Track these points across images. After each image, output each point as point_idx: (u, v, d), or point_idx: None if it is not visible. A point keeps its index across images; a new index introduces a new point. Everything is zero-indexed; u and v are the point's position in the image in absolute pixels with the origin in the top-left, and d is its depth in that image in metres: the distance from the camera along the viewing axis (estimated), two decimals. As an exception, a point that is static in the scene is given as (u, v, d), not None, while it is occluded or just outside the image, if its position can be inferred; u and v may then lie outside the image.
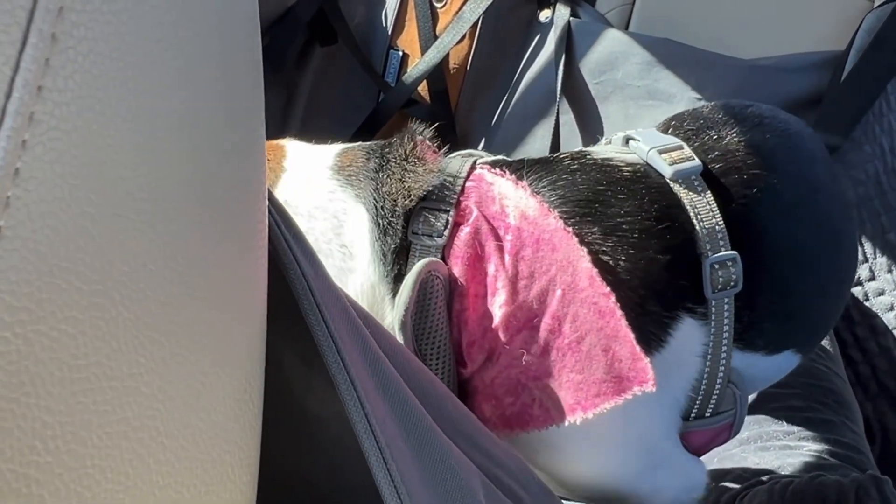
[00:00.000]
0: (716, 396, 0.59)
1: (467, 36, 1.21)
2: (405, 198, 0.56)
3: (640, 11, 1.21)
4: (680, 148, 0.60)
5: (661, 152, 0.59)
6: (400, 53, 1.26)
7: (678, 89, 1.11)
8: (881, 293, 1.00)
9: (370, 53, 1.28)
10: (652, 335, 0.55)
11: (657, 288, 0.56)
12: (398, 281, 0.55)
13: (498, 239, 0.55)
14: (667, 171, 0.58)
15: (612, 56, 1.15)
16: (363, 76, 1.27)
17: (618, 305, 0.53)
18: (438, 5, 1.23)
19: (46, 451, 0.19)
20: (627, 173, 0.58)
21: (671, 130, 0.64)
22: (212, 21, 0.24)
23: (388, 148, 0.59)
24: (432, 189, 0.56)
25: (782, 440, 0.77)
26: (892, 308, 1.00)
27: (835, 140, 1.02)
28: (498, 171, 0.58)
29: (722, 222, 0.57)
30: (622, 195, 0.57)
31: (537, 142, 1.18)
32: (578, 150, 0.62)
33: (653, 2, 1.20)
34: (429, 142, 0.59)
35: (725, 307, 0.57)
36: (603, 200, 0.56)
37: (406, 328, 0.53)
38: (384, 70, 1.27)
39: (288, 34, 1.23)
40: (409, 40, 1.26)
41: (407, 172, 0.57)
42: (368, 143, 0.62)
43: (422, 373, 0.39)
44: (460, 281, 0.54)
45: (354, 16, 1.28)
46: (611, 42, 1.15)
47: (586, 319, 0.53)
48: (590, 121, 1.16)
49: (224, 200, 0.25)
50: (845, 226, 0.64)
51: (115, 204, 0.20)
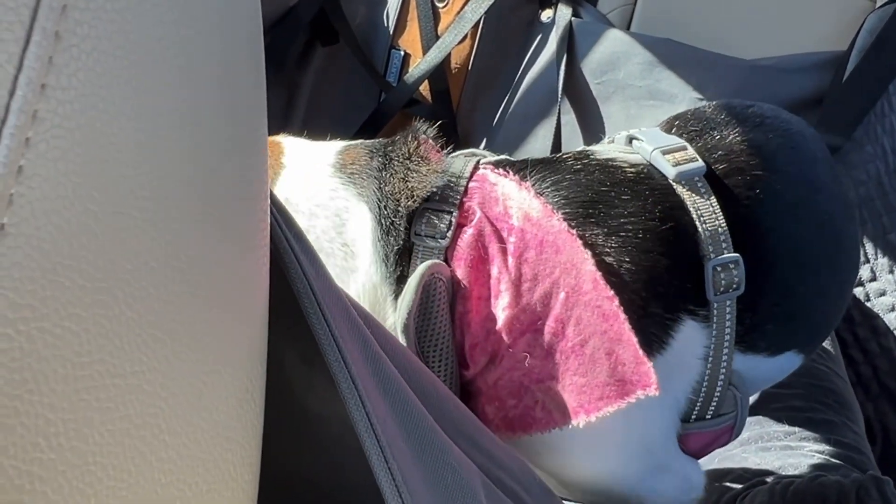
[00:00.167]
0: (716, 399, 0.58)
1: (469, 36, 1.21)
2: (408, 198, 0.56)
3: (642, 11, 1.21)
4: (684, 148, 0.59)
5: (665, 153, 0.58)
6: (401, 53, 1.26)
7: (680, 89, 1.11)
8: (882, 294, 1.00)
9: (372, 53, 1.28)
10: (654, 337, 0.55)
11: (659, 290, 0.55)
12: (401, 282, 0.55)
13: (501, 241, 0.54)
14: (670, 173, 0.57)
15: (614, 56, 1.15)
16: (364, 76, 1.27)
17: (621, 309, 0.52)
18: (440, 5, 1.23)
19: (49, 448, 0.19)
20: (631, 174, 0.58)
21: (675, 130, 0.63)
22: (214, 20, 0.24)
23: (392, 146, 0.59)
24: (436, 190, 0.56)
25: (783, 440, 0.77)
26: (894, 309, 1.00)
27: (836, 140, 1.02)
28: (501, 172, 0.58)
29: (725, 224, 0.56)
30: (626, 196, 0.56)
31: (538, 142, 1.18)
32: (581, 150, 0.62)
33: (654, 2, 1.20)
34: (432, 141, 0.59)
35: (727, 309, 0.56)
36: (606, 201, 0.56)
37: (409, 331, 0.53)
38: (386, 70, 1.27)
39: (289, 34, 1.23)
40: (411, 40, 1.26)
41: (410, 172, 0.57)
42: (371, 141, 0.61)
43: (423, 373, 0.39)
44: (463, 283, 0.54)
45: (356, 15, 1.28)
46: (612, 42, 1.15)
47: (590, 323, 0.53)
48: (591, 121, 1.16)
49: (226, 199, 0.25)
50: (847, 226, 0.64)
51: (118, 202, 0.20)
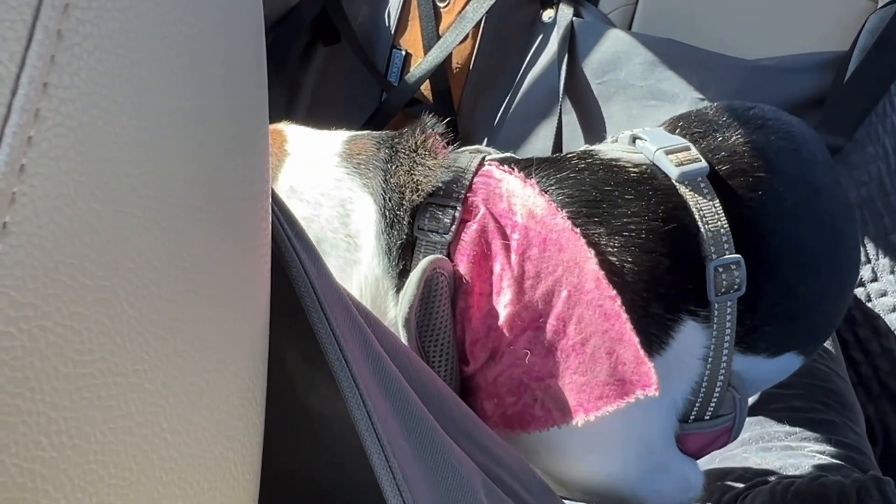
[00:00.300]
0: (715, 400, 0.58)
1: (470, 35, 1.21)
2: (413, 191, 0.56)
3: (643, 11, 1.21)
4: (687, 149, 0.59)
5: (668, 153, 0.58)
6: (403, 53, 1.26)
7: (681, 89, 1.11)
8: (884, 294, 1.00)
9: (373, 53, 1.28)
10: (654, 337, 0.55)
11: (661, 290, 0.55)
12: (403, 276, 0.55)
13: (505, 237, 0.54)
14: (673, 173, 0.57)
15: (615, 56, 1.14)
16: (366, 75, 1.27)
17: (623, 308, 0.52)
18: (441, 5, 1.23)
19: (51, 447, 0.19)
20: (634, 174, 0.58)
21: (678, 131, 0.63)
22: (216, 19, 0.24)
23: (399, 138, 0.59)
24: (441, 185, 0.56)
25: (784, 441, 0.77)
26: (895, 309, 0.99)
27: (838, 141, 1.02)
28: (506, 168, 0.58)
29: (727, 225, 0.56)
30: (629, 196, 0.57)
31: (540, 142, 1.18)
32: (585, 150, 0.62)
33: (655, 2, 1.20)
34: (439, 136, 0.59)
35: (728, 310, 0.56)
36: (610, 201, 0.56)
37: (410, 325, 0.53)
38: (387, 69, 1.27)
39: (291, 33, 1.23)
40: (412, 40, 1.26)
41: (416, 165, 0.57)
42: (379, 133, 0.61)
43: (423, 372, 0.39)
44: (465, 278, 0.54)
45: (357, 15, 1.28)
46: (614, 42, 1.15)
47: (591, 322, 0.53)
48: (592, 121, 1.16)
49: (228, 198, 0.25)
50: (847, 228, 0.64)
51: (120, 200, 0.20)
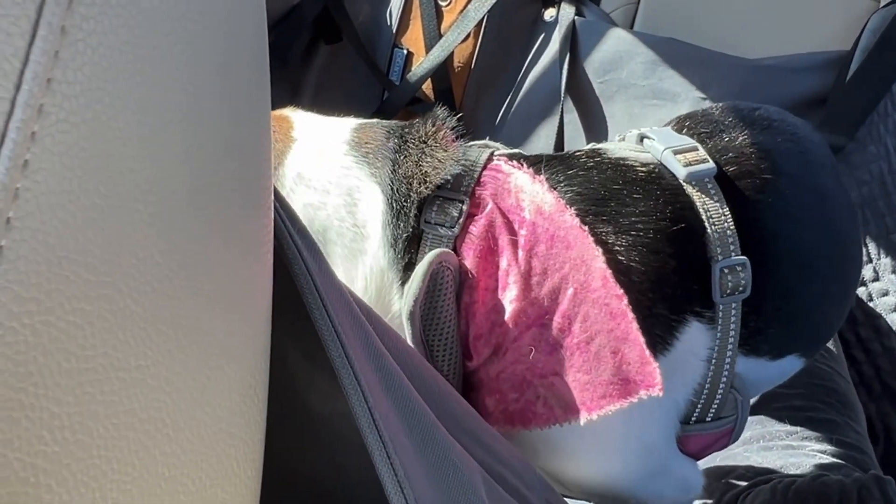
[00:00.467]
0: (717, 401, 0.58)
1: (472, 34, 1.21)
2: (421, 183, 0.56)
3: (645, 10, 1.21)
4: (695, 149, 0.59)
5: (676, 153, 0.58)
6: (404, 52, 1.26)
7: (683, 89, 1.11)
8: (885, 294, 1.00)
9: (375, 51, 1.28)
10: (658, 338, 0.55)
11: (666, 290, 0.55)
12: (408, 269, 0.55)
13: (512, 233, 0.54)
14: (680, 173, 0.57)
15: (617, 55, 1.14)
16: (367, 74, 1.27)
17: (630, 308, 0.52)
18: (443, 4, 1.23)
19: (54, 441, 0.19)
20: (642, 173, 0.58)
21: (685, 131, 0.63)
22: (219, 16, 0.24)
23: (409, 128, 0.59)
24: (449, 178, 0.56)
25: (785, 440, 0.77)
26: (896, 309, 0.99)
27: (839, 140, 1.02)
28: (515, 164, 0.58)
29: (733, 227, 0.56)
30: (637, 195, 0.56)
31: (541, 141, 1.18)
32: (593, 148, 0.62)
33: (657, 1, 1.20)
34: (450, 129, 0.59)
35: (733, 312, 0.56)
36: (618, 200, 0.56)
37: (414, 319, 0.53)
38: (388, 68, 1.27)
39: (293, 32, 1.23)
40: (414, 38, 1.26)
41: (425, 156, 0.56)
42: (388, 122, 0.61)
43: (424, 369, 0.39)
44: (471, 273, 0.54)
45: (359, 14, 1.28)
46: (615, 41, 1.15)
47: (597, 320, 0.52)
48: (594, 120, 1.16)
49: (230, 194, 0.25)
50: (850, 231, 0.64)
51: (123, 196, 0.20)
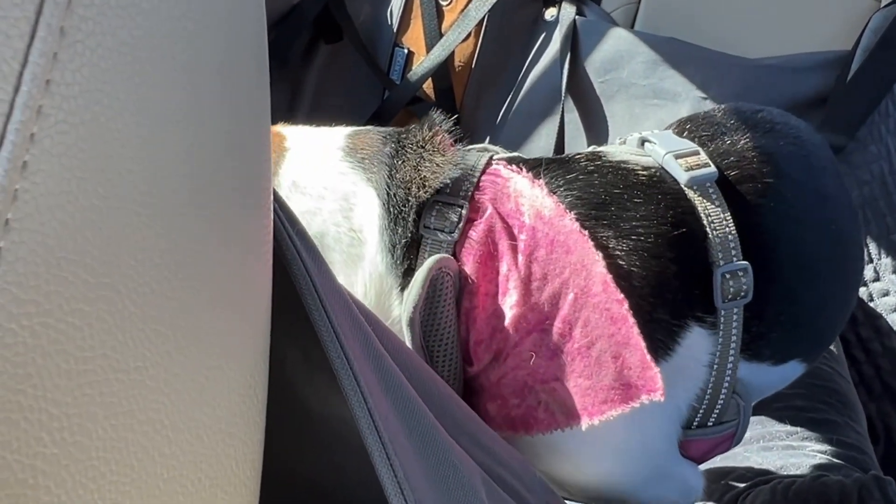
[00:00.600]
0: (719, 407, 0.58)
1: (472, 34, 1.21)
2: (419, 188, 0.55)
3: (646, 10, 1.20)
4: (696, 153, 0.59)
5: (678, 157, 0.58)
6: (405, 51, 1.26)
7: (683, 88, 1.11)
8: (886, 294, 1.00)
9: (375, 51, 1.28)
10: (659, 343, 0.55)
11: (667, 295, 0.55)
12: (408, 275, 0.54)
13: (512, 238, 0.54)
14: (682, 177, 0.57)
15: (618, 55, 1.14)
16: (368, 73, 1.27)
17: (630, 312, 0.52)
18: (444, 3, 1.23)
19: (53, 443, 0.19)
20: (644, 177, 0.58)
21: (686, 134, 0.63)
22: (219, 16, 0.24)
23: (406, 133, 0.58)
24: (448, 182, 0.55)
25: (785, 440, 0.77)
26: (897, 309, 0.99)
27: (840, 140, 1.02)
28: (514, 168, 0.57)
29: (735, 231, 0.56)
30: (638, 199, 0.56)
31: (542, 140, 1.18)
32: (594, 151, 0.61)
33: (658, 1, 1.20)
34: (447, 133, 0.58)
35: (734, 317, 0.56)
36: (619, 204, 0.56)
37: (414, 325, 0.53)
38: (389, 67, 1.27)
39: (293, 31, 1.23)
40: (415, 38, 1.26)
41: (423, 160, 0.56)
42: (385, 128, 0.61)
43: (424, 371, 0.39)
44: (471, 278, 0.53)
45: (360, 13, 1.28)
46: (616, 41, 1.15)
47: (598, 325, 0.52)
48: (595, 120, 1.16)
49: (229, 195, 0.25)
50: (852, 235, 0.64)
51: (122, 197, 0.20)
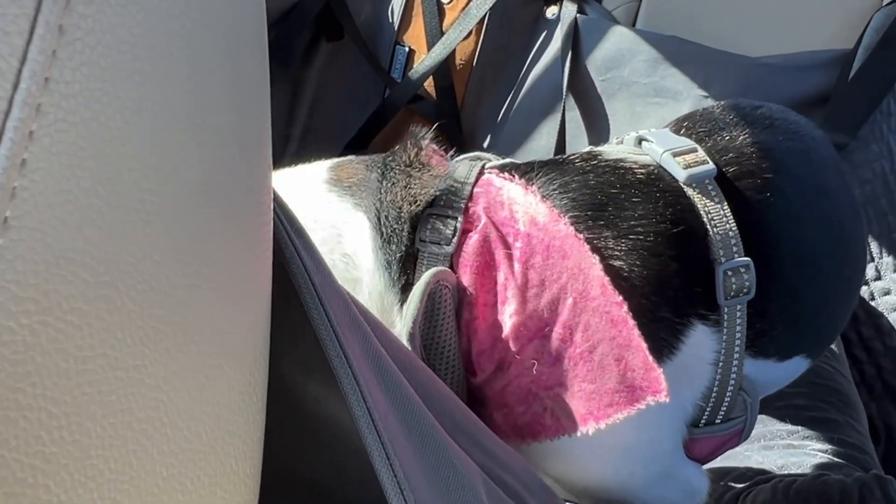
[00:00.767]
0: (726, 404, 0.58)
1: (474, 32, 1.21)
2: (411, 204, 0.55)
3: (647, 8, 1.20)
4: (694, 150, 0.58)
5: (675, 155, 0.58)
6: (406, 49, 1.26)
7: (685, 87, 1.11)
8: (887, 293, 1.00)
9: (376, 49, 1.28)
10: (663, 342, 0.55)
11: (669, 294, 0.55)
12: (406, 290, 0.54)
13: (507, 246, 0.54)
14: (680, 175, 0.57)
15: (619, 53, 1.14)
16: (369, 72, 1.27)
17: (630, 315, 0.52)
18: (445, 1, 1.23)
19: (52, 442, 0.19)
20: (641, 176, 0.57)
21: (684, 131, 0.62)
22: (219, 13, 0.24)
23: (391, 157, 0.58)
24: (439, 194, 0.55)
25: (786, 439, 0.77)
26: (898, 308, 0.99)
27: (842, 139, 1.02)
28: (506, 176, 0.57)
29: (735, 228, 0.56)
30: (636, 199, 0.56)
31: (543, 139, 1.18)
32: (589, 151, 0.61)
33: (660, -1, 1.20)
34: (434, 145, 0.58)
35: (738, 314, 0.56)
36: (616, 203, 0.55)
37: (414, 339, 0.52)
38: (390, 66, 1.27)
39: (294, 29, 1.23)
40: (416, 36, 1.26)
41: (412, 179, 0.56)
42: (367, 156, 0.61)
43: (423, 371, 0.39)
44: (469, 290, 0.53)
45: (361, 11, 1.27)
46: (617, 39, 1.15)
47: (598, 328, 0.52)
48: (596, 118, 1.16)
49: (229, 192, 0.25)
50: (854, 230, 0.64)
51: (121, 195, 0.20)
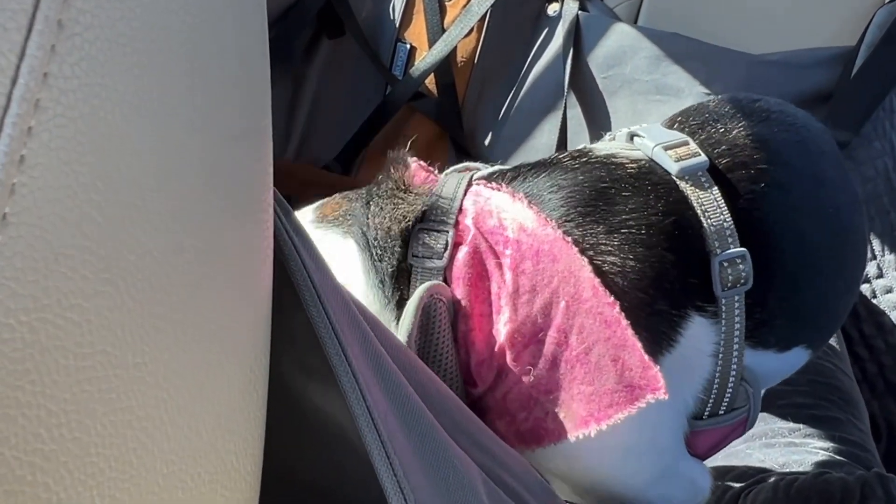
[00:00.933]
0: (729, 395, 0.58)
1: (475, 29, 1.21)
2: (400, 222, 0.55)
3: (649, 6, 1.20)
4: (686, 143, 0.58)
5: (667, 148, 0.58)
6: (407, 46, 1.26)
7: (687, 84, 1.11)
8: (889, 291, 1.00)
9: (378, 46, 1.28)
10: (662, 335, 0.55)
11: (665, 286, 0.55)
12: (401, 306, 0.54)
13: (497, 255, 0.54)
14: (672, 168, 0.57)
15: (621, 50, 1.14)
16: (370, 69, 1.27)
17: (623, 314, 0.52)
18: (446, -2, 1.23)
19: (51, 440, 0.19)
20: (632, 169, 0.57)
21: (676, 126, 0.63)
22: (219, 9, 0.24)
23: (375, 186, 0.58)
24: (427, 210, 0.55)
25: (787, 437, 0.77)
26: (900, 306, 0.99)
27: (844, 136, 1.01)
28: (493, 185, 0.57)
29: (730, 219, 0.56)
30: (627, 192, 0.56)
31: (544, 136, 1.18)
32: (579, 149, 0.61)
33: (662, -4, 1.20)
34: (421, 162, 0.58)
35: (736, 305, 0.56)
36: (607, 199, 0.55)
37: None
38: (391, 63, 1.27)
39: (296, 26, 1.22)
40: (417, 33, 1.25)
41: (398, 200, 0.56)
42: (347, 192, 0.61)
43: (423, 371, 0.39)
44: (464, 302, 0.53)
45: (362, 9, 1.27)
46: (619, 36, 1.15)
47: (592, 330, 0.52)
48: (597, 115, 1.16)
49: (229, 189, 0.25)
50: (854, 220, 0.63)
51: (121, 192, 0.20)
